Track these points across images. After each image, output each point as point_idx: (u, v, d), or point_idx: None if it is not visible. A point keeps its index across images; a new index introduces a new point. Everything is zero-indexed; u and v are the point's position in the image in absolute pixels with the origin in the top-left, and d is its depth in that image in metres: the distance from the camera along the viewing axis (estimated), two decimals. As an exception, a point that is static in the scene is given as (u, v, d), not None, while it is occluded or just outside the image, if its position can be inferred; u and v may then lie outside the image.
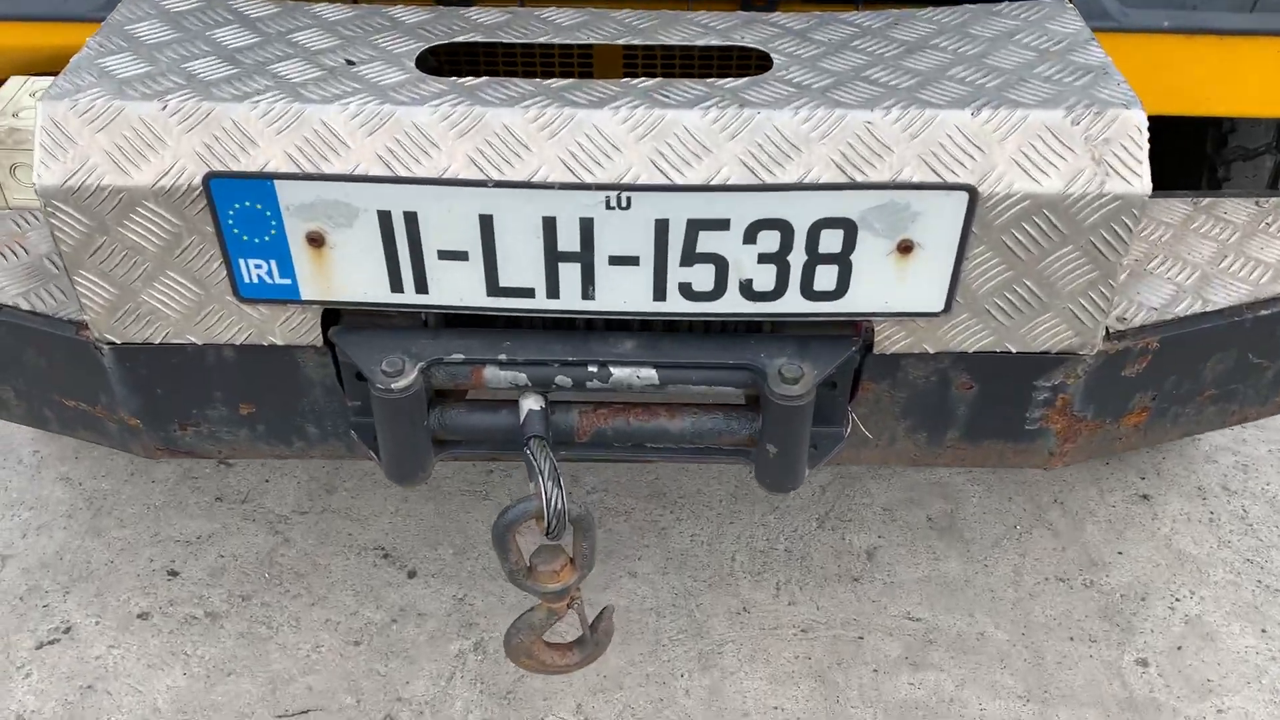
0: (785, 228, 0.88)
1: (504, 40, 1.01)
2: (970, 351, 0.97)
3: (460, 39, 1.01)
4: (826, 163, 0.86)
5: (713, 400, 0.98)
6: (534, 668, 1.03)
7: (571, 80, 0.92)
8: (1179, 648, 1.56)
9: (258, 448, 1.07)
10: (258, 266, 0.92)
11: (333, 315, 0.97)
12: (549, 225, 0.88)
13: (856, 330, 0.96)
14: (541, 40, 1.01)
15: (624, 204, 0.87)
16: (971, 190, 0.86)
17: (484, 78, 0.92)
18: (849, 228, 0.88)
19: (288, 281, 0.92)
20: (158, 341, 0.97)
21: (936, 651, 1.55)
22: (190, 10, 1.02)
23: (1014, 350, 0.97)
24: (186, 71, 0.92)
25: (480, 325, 0.97)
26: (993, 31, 1.00)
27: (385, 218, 0.88)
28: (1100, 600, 1.62)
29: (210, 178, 0.86)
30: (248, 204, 0.88)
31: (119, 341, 0.97)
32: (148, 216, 0.89)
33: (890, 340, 0.96)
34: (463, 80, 0.92)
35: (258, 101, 0.88)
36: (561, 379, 0.95)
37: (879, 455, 1.08)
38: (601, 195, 0.86)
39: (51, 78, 0.97)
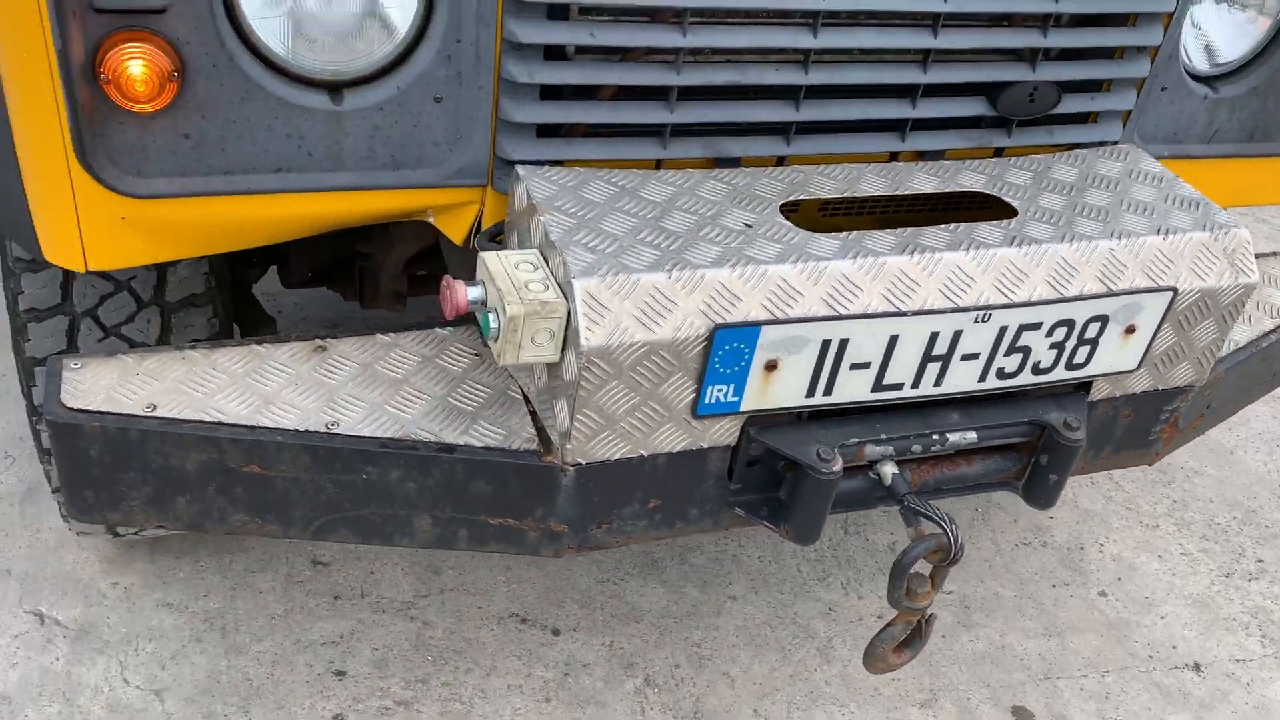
0: (1070, 324, 1.28)
1: (830, 197, 1.32)
2: (1137, 392, 1.43)
3: (802, 196, 1.30)
4: (1094, 278, 1.28)
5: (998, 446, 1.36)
6: (883, 669, 1.35)
7: (915, 229, 1.26)
8: (1119, 579, 2.14)
9: (647, 534, 1.29)
10: (719, 390, 1.17)
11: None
12: (932, 338, 1.22)
13: (1086, 388, 1.38)
14: (863, 193, 1.33)
15: (985, 319, 1.23)
16: (1174, 289, 1.31)
17: (855, 232, 1.24)
18: (1104, 320, 1.29)
19: (735, 399, 1.19)
20: (615, 458, 1.19)
21: (975, 614, 2.01)
22: (579, 183, 1.24)
23: (1160, 388, 1.44)
24: (646, 242, 1.15)
25: (848, 414, 1.28)
26: (1114, 172, 1.46)
27: (825, 345, 1.18)
28: (1056, 554, 2.17)
29: (717, 329, 1.11)
30: (734, 345, 1.14)
31: (584, 462, 1.18)
32: (655, 361, 1.12)
33: (1097, 390, 1.39)
34: (849, 235, 1.23)
35: (734, 265, 1.14)
36: (916, 447, 1.28)
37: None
38: (973, 314, 1.22)
39: (524, 251, 1.16)
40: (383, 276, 1.70)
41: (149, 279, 1.45)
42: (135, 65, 1.06)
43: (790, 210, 1.29)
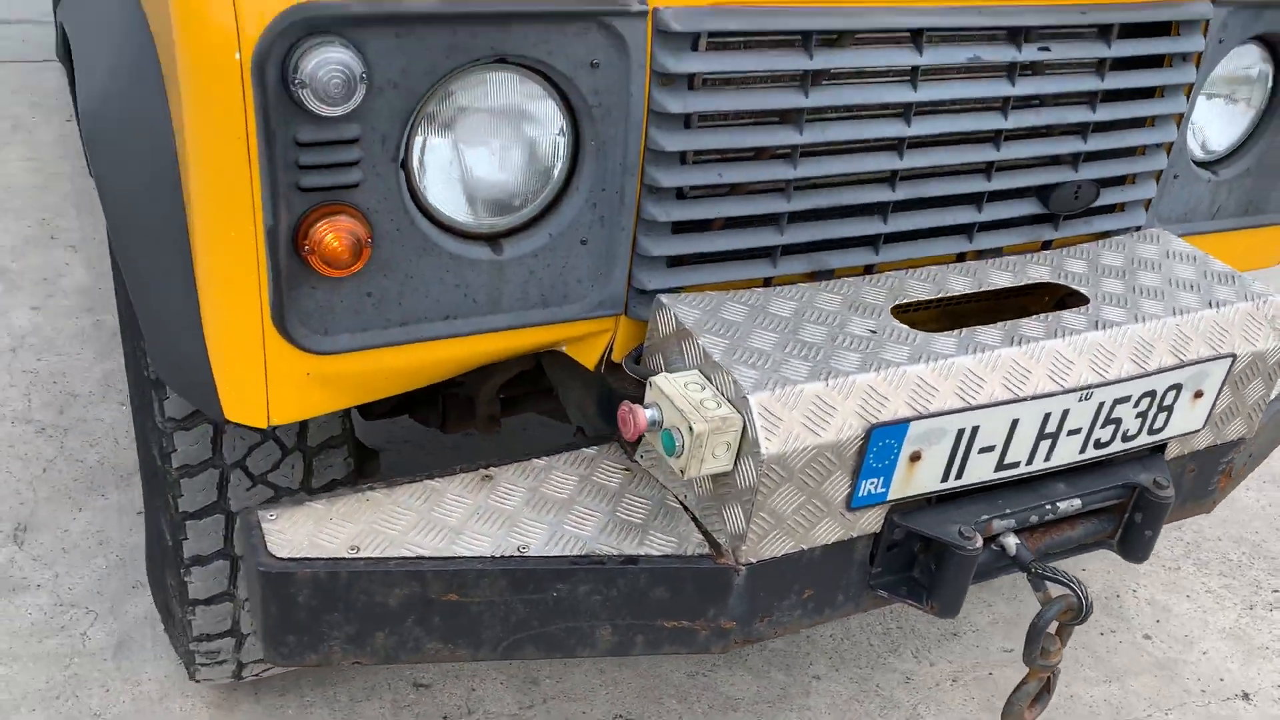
0: (1152, 394, 1.43)
1: (929, 298, 1.47)
2: (1201, 448, 1.59)
3: (905, 299, 1.45)
4: (1167, 352, 1.44)
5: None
6: (1020, 722, 1.46)
7: (1013, 320, 1.41)
8: (1157, 621, 2.29)
9: (800, 623, 1.39)
10: (871, 483, 1.29)
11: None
12: (1045, 418, 1.36)
13: (1162, 449, 1.53)
14: (954, 292, 1.48)
15: (1088, 397, 1.37)
16: (1233, 355, 1.48)
17: (963, 329, 1.38)
18: (1178, 388, 1.46)
19: (884, 490, 1.30)
20: (780, 555, 1.29)
21: (1038, 668, 2.13)
22: (715, 306, 1.36)
23: (1218, 443, 1.60)
24: (793, 354, 1.28)
25: (973, 494, 1.41)
26: (1152, 254, 1.64)
27: (960, 433, 1.31)
28: (1097, 604, 2.31)
29: (874, 428, 1.24)
30: (885, 441, 1.26)
31: (755, 561, 1.28)
32: (821, 462, 1.23)
33: (1170, 450, 1.55)
34: (960, 333, 1.37)
35: (877, 369, 1.27)
36: (1033, 518, 1.42)
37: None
38: (1078, 394, 1.36)
39: (688, 373, 1.27)
40: (479, 403, 1.79)
41: (292, 426, 1.53)
42: (335, 236, 1.17)
43: (899, 313, 1.44)
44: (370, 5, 1.09)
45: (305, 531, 1.24)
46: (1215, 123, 1.80)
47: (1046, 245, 1.66)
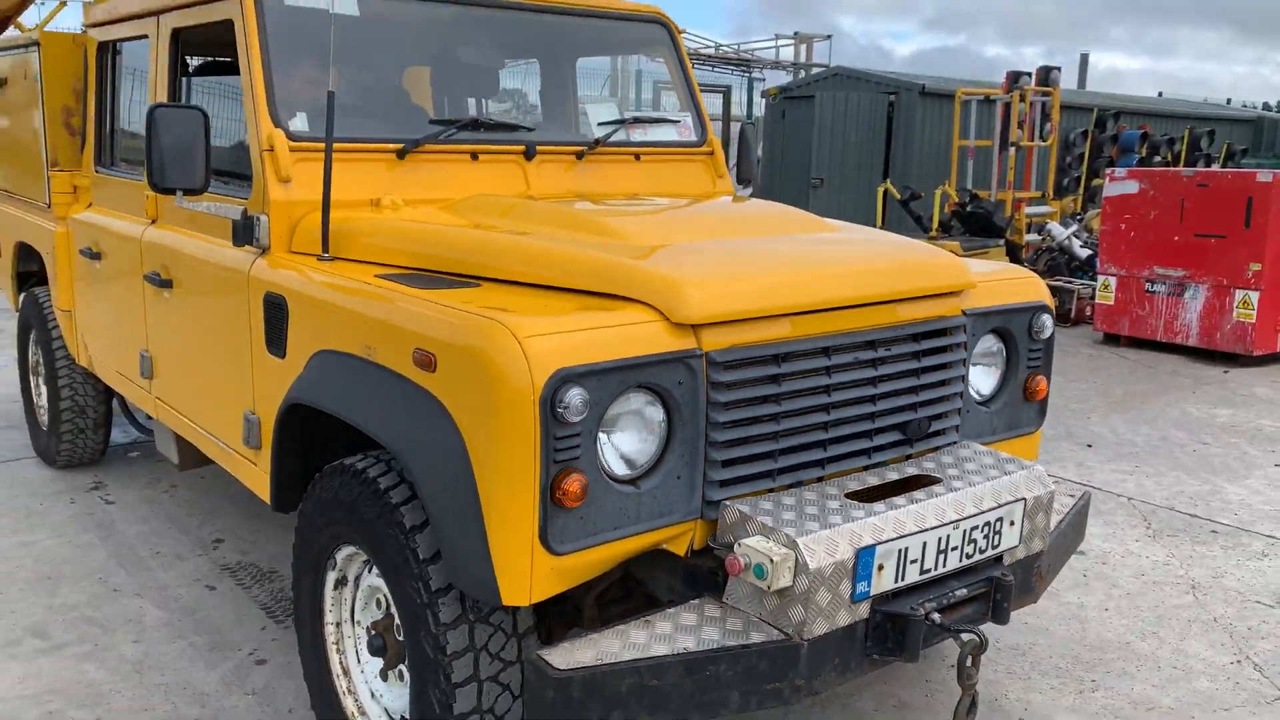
0: (989, 524, 2.58)
1: (859, 488, 2.60)
2: (1020, 558, 2.73)
3: (851, 490, 2.57)
4: (991, 499, 2.60)
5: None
6: (961, 730, 2.45)
7: (908, 494, 2.54)
8: (1025, 709, 3.33)
9: (835, 681, 2.37)
10: (861, 585, 2.34)
11: (865, 604, 2.40)
12: (940, 539, 2.47)
13: (1000, 560, 2.66)
14: (871, 484, 2.61)
15: (958, 526, 2.50)
16: (1025, 499, 2.66)
17: (886, 500, 2.50)
18: (1001, 519, 2.60)
19: (867, 589, 2.36)
20: (821, 634, 2.30)
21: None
22: (757, 501, 2.43)
23: (1027, 555, 2.75)
24: (807, 516, 2.35)
25: (911, 590, 2.47)
26: (969, 454, 2.84)
27: (900, 552, 2.39)
28: (984, 707, 3.34)
29: (859, 550, 2.31)
30: (865, 559, 2.33)
31: (809, 638, 2.28)
32: (836, 572, 2.29)
33: (1005, 560, 2.68)
34: (887, 501, 2.48)
35: (852, 522, 2.36)
36: (945, 600, 2.49)
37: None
38: (951, 525, 2.49)
39: (755, 537, 2.32)
40: (584, 608, 2.72)
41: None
42: (573, 485, 2.19)
43: (849, 495, 2.56)
44: (589, 365, 2.19)
45: (565, 657, 2.16)
46: (981, 379, 3.11)
47: (908, 458, 2.85)
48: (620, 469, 2.33)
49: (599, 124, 3.95)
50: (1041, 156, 14.75)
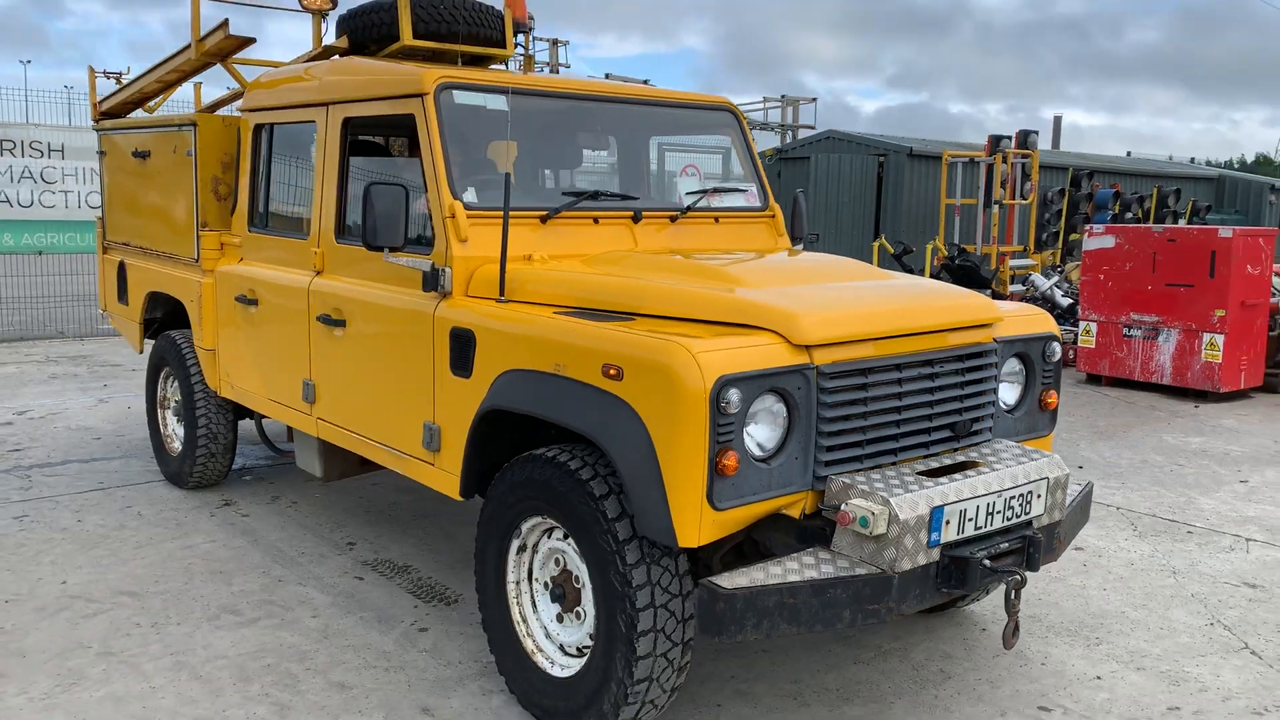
0: (1021, 495, 3.44)
1: (938, 466, 3.46)
2: (1045, 524, 3.60)
3: (934, 466, 3.43)
4: (1023, 478, 3.47)
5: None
6: (1010, 646, 3.28)
7: (961, 473, 3.41)
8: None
9: (914, 606, 3.21)
10: (934, 534, 3.20)
11: (935, 551, 3.25)
12: (989, 504, 3.33)
13: (1030, 524, 3.52)
14: (945, 464, 3.49)
15: (1000, 495, 3.37)
16: (1047, 478, 3.53)
17: (948, 476, 3.36)
18: (1030, 493, 3.47)
19: (938, 537, 3.22)
20: (908, 568, 3.15)
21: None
22: (854, 475, 3.29)
23: (1050, 522, 3.62)
24: (894, 482, 3.21)
25: (967, 542, 3.33)
26: (1000, 448, 3.72)
27: (961, 511, 3.25)
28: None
29: (933, 509, 3.17)
30: (937, 515, 3.19)
31: (899, 571, 3.13)
32: (917, 523, 3.14)
33: (1034, 525, 3.54)
34: (951, 477, 3.35)
35: (932, 488, 3.22)
36: (992, 550, 3.35)
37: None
38: (996, 494, 3.36)
39: (859, 498, 3.17)
40: (714, 563, 3.55)
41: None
42: (730, 460, 3.05)
43: (920, 473, 3.41)
44: (741, 373, 3.06)
45: (729, 581, 3.00)
46: (1007, 393, 4.00)
47: (955, 450, 3.72)
48: (756, 451, 3.19)
49: (687, 193, 4.86)
50: (1022, 213, 15.85)
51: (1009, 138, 14.78)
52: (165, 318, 6.53)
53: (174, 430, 6.39)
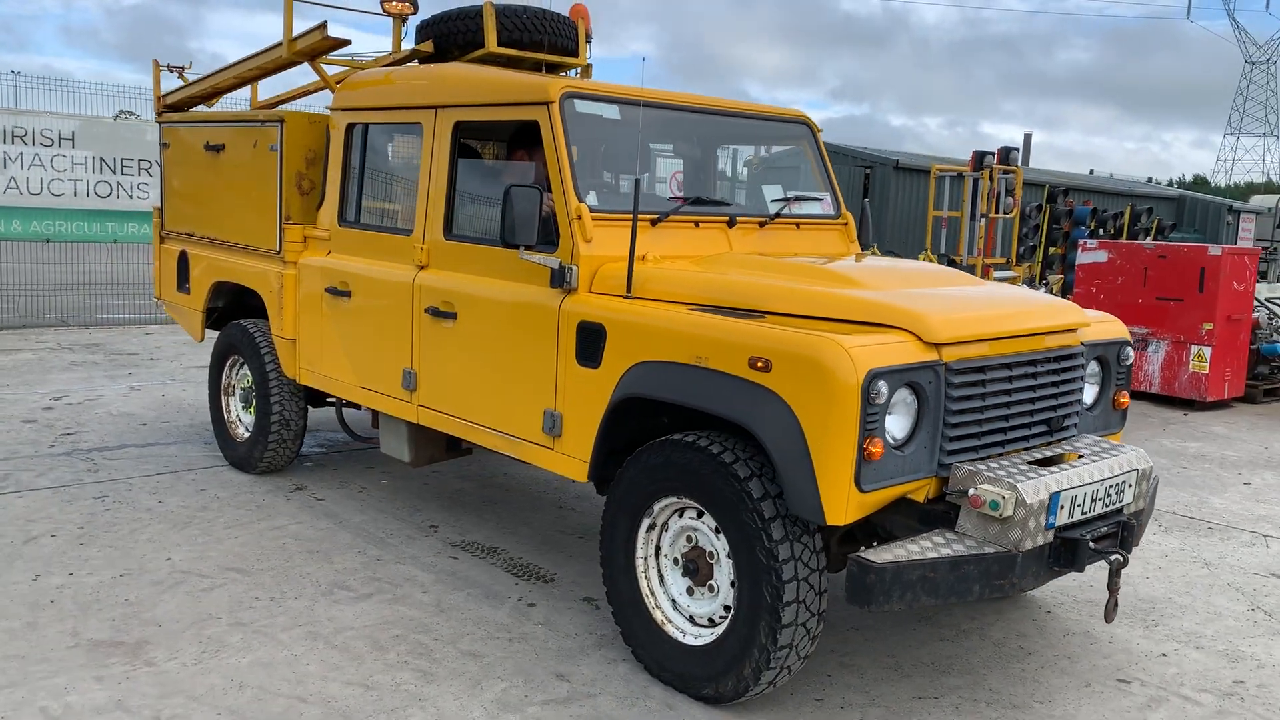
0: (1117, 484, 3.79)
1: (1047, 455, 3.80)
2: (1134, 510, 3.95)
3: (1047, 455, 3.77)
4: (1118, 469, 3.82)
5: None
6: (1111, 619, 3.63)
7: (1068, 463, 3.75)
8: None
9: (1029, 585, 3.54)
10: (1051, 517, 3.53)
11: (1048, 532, 3.59)
12: (1093, 491, 3.68)
13: (1121, 510, 3.87)
14: (1046, 456, 3.83)
15: (1105, 483, 3.71)
16: (1137, 470, 3.89)
17: (1055, 465, 3.70)
18: (1124, 483, 3.83)
19: (1054, 520, 3.55)
20: (1027, 549, 3.48)
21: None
22: (974, 465, 3.61)
23: (1137, 508, 3.97)
24: (1015, 470, 3.54)
25: (1075, 525, 3.66)
26: (1087, 441, 4.06)
27: (1072, 498, 3.59)
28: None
29: (1052, 494, 3.50)
30: (1055, 500, 3.52)
31: (1021, 550, 3.46)
32: (1038, 507, 3.48)
33: (1126, 510, 3.89)
34: (1059, 467, 3.69)
35: (1046, 477, 3.56)
36: (1095, 534, 3.69)
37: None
38: (1098, 483, 3.70)
39: (985, 484, 3.49)
40: (831, 545, 3.85)
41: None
42: (874, 446, 3.35)
43: (1031, 463, 3.75)
44: (886, 367, 3.36)
45: (878, 556, 3.31)
46: (1087, 392, 4.36)
47: (1049, 444, 4.06)
48: (893, 439, 3.50)
49: (772, 200, 5.17)
50: (1001, 226, 16.40)
51: (991, 154, 15.31)
52: (227, 307, 6.69)
53: (238, 416, 6.56)
